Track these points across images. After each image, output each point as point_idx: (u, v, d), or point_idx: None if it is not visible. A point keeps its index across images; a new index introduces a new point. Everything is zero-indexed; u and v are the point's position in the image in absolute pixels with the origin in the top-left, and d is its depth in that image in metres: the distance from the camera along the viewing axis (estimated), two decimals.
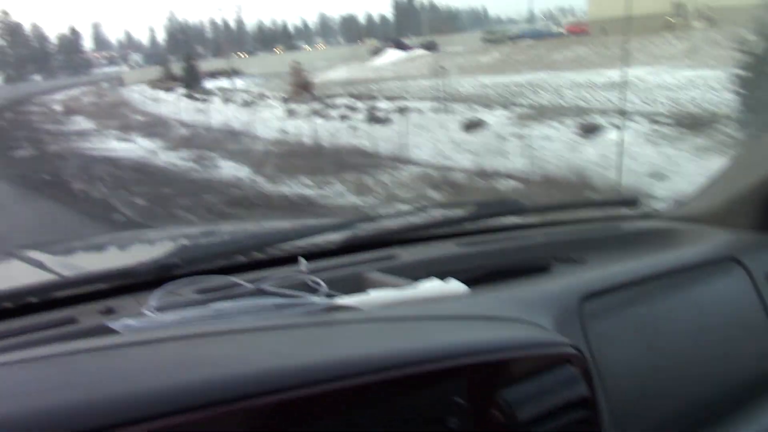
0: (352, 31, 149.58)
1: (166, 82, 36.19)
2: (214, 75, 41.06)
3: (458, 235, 1.58)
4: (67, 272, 1.43)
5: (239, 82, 36.17)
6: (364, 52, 53.48)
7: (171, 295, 1.16)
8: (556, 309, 1.08)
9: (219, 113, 18.94)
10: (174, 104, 23.40)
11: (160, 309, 1.08)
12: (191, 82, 29.12)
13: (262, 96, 21.56)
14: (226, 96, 24.10)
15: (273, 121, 16.27)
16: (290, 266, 1.32)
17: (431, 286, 1.13)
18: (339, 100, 18.24)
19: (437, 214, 1.71)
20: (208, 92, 26.76)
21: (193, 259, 1.30)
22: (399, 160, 10.87)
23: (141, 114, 21.92)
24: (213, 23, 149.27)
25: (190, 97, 25.07)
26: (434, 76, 17.46)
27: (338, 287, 1.18)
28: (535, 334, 0.99)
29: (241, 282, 1.21)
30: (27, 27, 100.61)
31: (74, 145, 15.28)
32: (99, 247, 2.22)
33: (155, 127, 17.51)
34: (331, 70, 41.85)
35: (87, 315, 1.14)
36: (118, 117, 21.56)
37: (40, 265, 1.57)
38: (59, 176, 11.07)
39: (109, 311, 1.16)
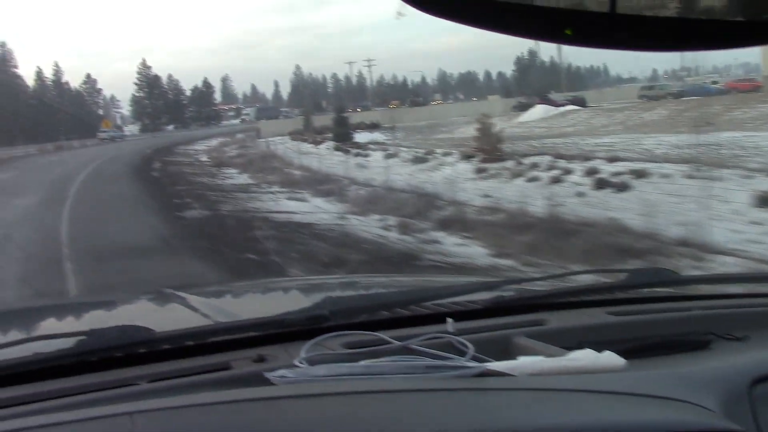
0: (469, 87, 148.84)
1: (306, 134, 35.24)
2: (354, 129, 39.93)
3: (608, 303, 1.54)
4: (220, 317, 1.58)
5: (379, 135, 34.54)
6: (499, 108, 51.14)
7: (320, 348, 1.22)
8: (723, 391, 1.01)
9: (391, 170, 16.83)
10: (329, 158, 21.73)
11: (311, 361, 1.13)
12: (341, 134, 27.48)
13: (430, 151, 19.22)
14: (385, 150, 22.09)
15: (464, 182, 13.80)
16: (436, 325, 1.34)
17: (586, 357, 1.09)
18: (531, 159, 15.58)
19: (585, 279, 1.82)
20: (361, 146, 24.99)
21: (340, 312, 1.35)
22: (695, 246, 7.90)
23: (300, 169, 20.18)
24: (335, 78, 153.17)
25: (343, 150, 23.35)
26: (626, 131, 14.47)
27: (485, 350, 1.17)
28: (702, 418, 0.92)
29: (388, 339, 1.24)
30: (164, 78, 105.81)
31: (246, 204, 13.30)
32: (247, 293, 2.45)
33: (325, 184, 15.43)
34: (470, 126, 39.85)
35: (240, 362, 1.20)
36: (275, 171, 19.95)
37: (194, 309, 1.72)
38: (231, 237, 9.54)
39: (261, 359, 1.20)
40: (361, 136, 32.93)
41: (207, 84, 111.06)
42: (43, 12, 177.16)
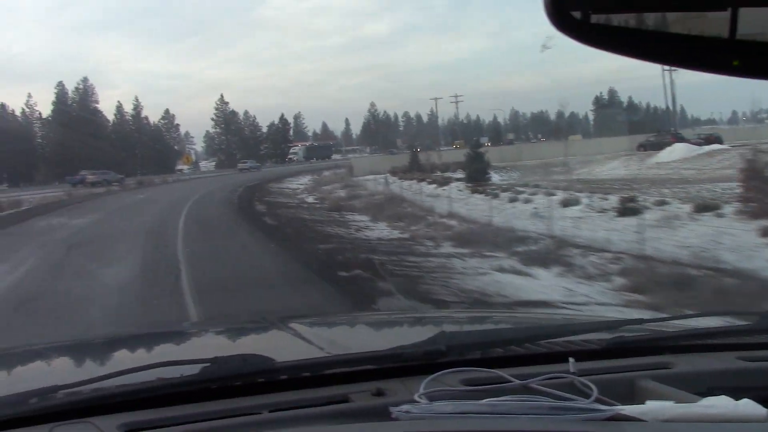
0: (540, 126, 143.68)
1: (414, 172, 31.42)
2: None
3: (739, 348, 1.48)
4: (334, 349, 1.59)
5: (497, 176, 30.38)
6: (619, 146, 46.13)
7: (438, 383, 1.22)
8: None
9: (586, 223, 12.48)
10: (473, 203, 17.55)
11: (431, 397, 1.13)
12: (475, 173, 23.23)
13: (629, 198, 14.71)
14: (535, 194, 17.70)
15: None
16: (554, 364, 1.31)
17: (722, 404, 1.03)
18: None
19: (714, 322, 1.75)
20: (503, 187, 20.74)
21: (456, 348, 1.35)
22: None
23: (450, 217, 15.87)
24: (406, 116, 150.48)
25: (484, 192, 19.11)
26: None
27: (609, 393, 1.14)
28: None
29: (507, 377, 1.22)
30: (241, 115, 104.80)
31: (448, 280, 9.01)
32: (356, 325, 2.42)
33: (521, 244, 11.09)
34: (597, 165, 35.40)
35: (359, 395, 1.22)
36: (418, 219, 15.79)
37: (308, 340, 1.79)
38: None
39: (380, 393, 1.22)
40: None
41: (284, 121, 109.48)
42: (118, 48, 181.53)
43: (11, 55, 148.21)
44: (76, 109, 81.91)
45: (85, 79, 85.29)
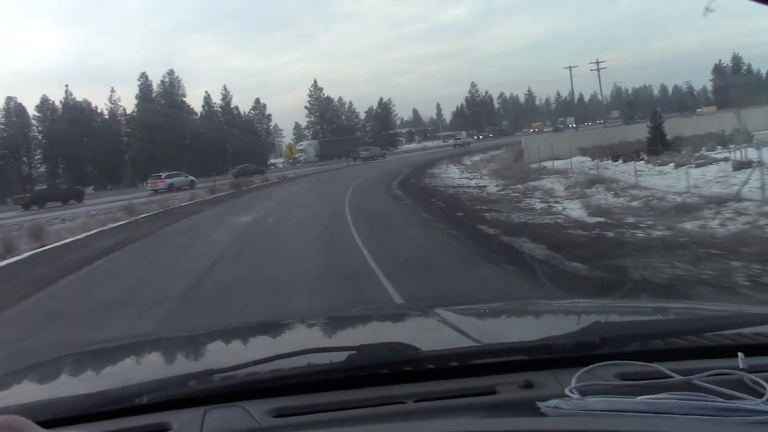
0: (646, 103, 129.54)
1: (638, 153, 20.75)
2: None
3: None
4: (483, 338, 1.52)
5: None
6: None
7: (591, 377, 1.15)
8: None
9: None
10: None
11: (583, 392, 1.07)
12: None
13: None
14: None
15: None
16: (720, 359, 1.21)
17: None
18: None
19: None
20: None
21: (611, 340, 1.27)
22: None
23: None
24: (502, 97, 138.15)
25: None
26: None
27: None
28: None
29: (668, 372, 1.14)
30: (335, 101, 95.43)
31: None
32: (507, 314, 2.28)
33: None
34: None
35: (506, 386, 1.17)
36: None
37: (456, 328, 1.71)
38: None
39: (529, 385, 1.16)
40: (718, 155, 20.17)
41: (383, 105, 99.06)
42: (205, 48, 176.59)
43: (101, 60, 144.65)
44: (161, 102, 74.48)
45: (170, 72, 78.01)
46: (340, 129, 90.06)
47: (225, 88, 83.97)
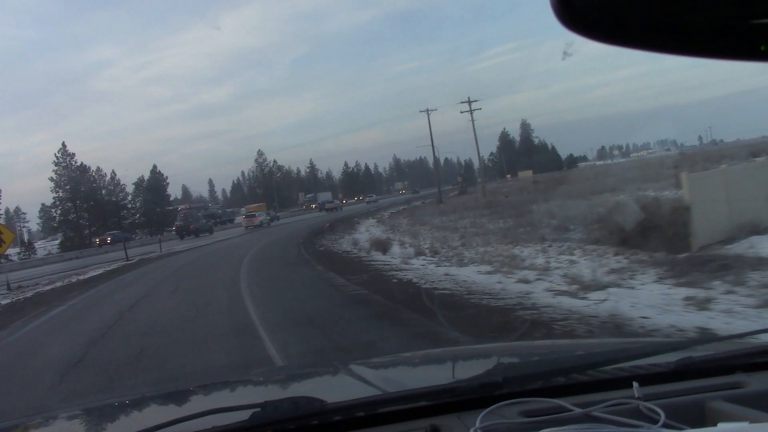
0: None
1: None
2: None
3: None
4: (390, 387, 1.52)
5: None
6: None
7: (496, 416, 1.19)
8: None
9: None
10: None
11: (488, 431, 1.08)
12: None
13: None
14: None
15: None
16: (618, 390, 1.28)
17: None
18: None
19: None
20: None
21: (514, 379, 1.30)
22: None
23: None
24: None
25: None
26: None
27: (678, 417, 1.09)
28: None
29: (568, 406, 1.18)
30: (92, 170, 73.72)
31: None
32: (415, 363, 2.31)
33: None
34: None
35: None
36: None
37: (363, 379, 1.71)
38: None
39: (435, 430, 1.20)
40: None
41: (157, 174, 78.55)
42: None
43: None
44: None
45: None
46: (99, 207, 68.93)
47: None
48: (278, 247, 25.87)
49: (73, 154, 69.74)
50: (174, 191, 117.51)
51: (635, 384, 1.19)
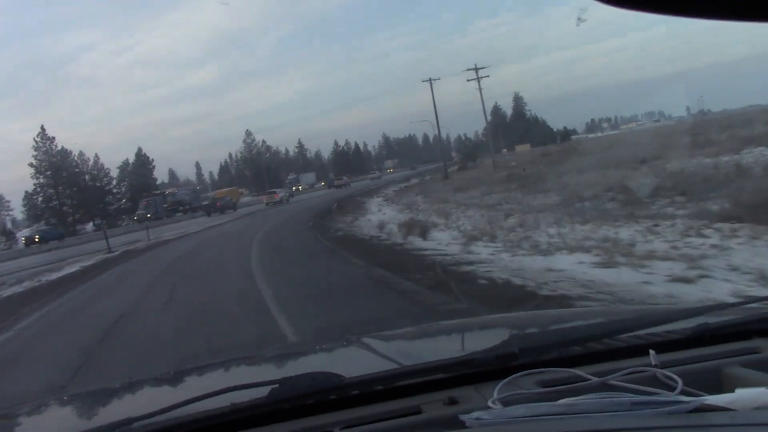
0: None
1: None
2: None
3: None
4: (407, 360, 1.51)
5: None
6: None
7: (513, 387, 1.18)
8: None
9: None
10: None
11: (506, 402, 1.10)
12: None
13: None
14: None
15: None
16: (634, 358, 1.27)
17: None
18: None
19: None
20: None
21: (530, 350, 1.29)
22: None
23: None
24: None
25: None
26: None
27: (695, 384, 1.09)
28: None
29: (585, 375, 1.18)
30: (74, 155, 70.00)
31: None
32: (431, 335, 2.27)
33: None
34: None
35: (431, 405, 1.19)
36: None
37: (380, 353, 1.71)
38: None
39: (453, 401, 1.19)
40: None
41: (143, 157, 75.19)
42: None
43: None
44: None
45: None
46: (82, 193, 65.74)
47: None
48: (287, 231, 22.63)
49: (53, 138, 66.30)
50: (161, 175, 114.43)
51: (652, 352, 1.20)
